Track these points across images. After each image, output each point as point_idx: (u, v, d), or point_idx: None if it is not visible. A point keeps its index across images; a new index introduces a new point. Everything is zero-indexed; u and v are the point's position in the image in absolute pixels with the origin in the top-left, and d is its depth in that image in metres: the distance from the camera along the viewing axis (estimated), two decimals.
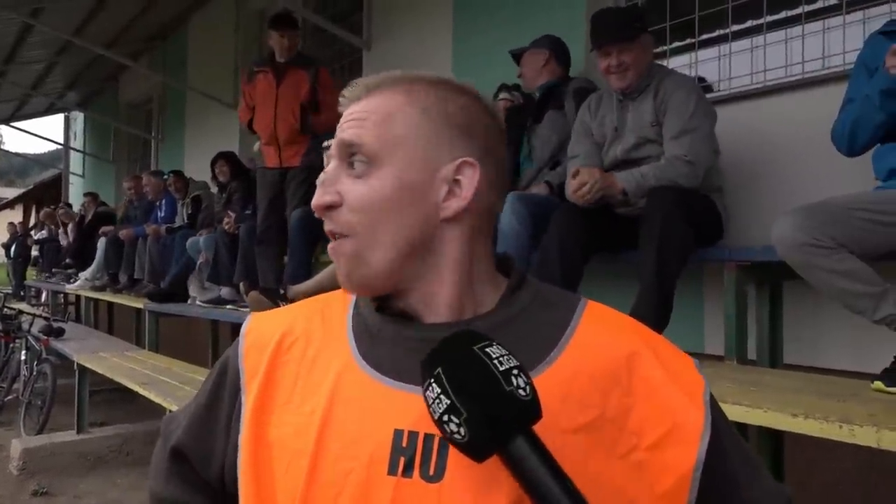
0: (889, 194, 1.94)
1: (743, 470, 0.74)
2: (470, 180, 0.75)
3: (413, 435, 0.69)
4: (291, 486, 0.73)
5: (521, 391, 0.59)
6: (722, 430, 0.72)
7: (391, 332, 0.76)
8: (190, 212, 6.12)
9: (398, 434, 0.69)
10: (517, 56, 3.38)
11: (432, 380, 0.60)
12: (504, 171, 0.81)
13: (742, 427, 2.06)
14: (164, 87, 8.64)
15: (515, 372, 0.60)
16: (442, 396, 0.60)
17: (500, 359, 0.61)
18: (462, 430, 0.59)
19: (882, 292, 1.83)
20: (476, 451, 0.60)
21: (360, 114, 0.76)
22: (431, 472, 0.67)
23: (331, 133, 4.55)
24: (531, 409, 0.60)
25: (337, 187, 0.75)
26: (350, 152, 0.75)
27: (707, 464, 0.69)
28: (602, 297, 0.84)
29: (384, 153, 0.74)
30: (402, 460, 0.68)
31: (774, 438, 2.19)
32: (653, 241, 2.21)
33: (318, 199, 0.76)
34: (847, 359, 2.48)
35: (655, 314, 2.20)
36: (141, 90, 9.61)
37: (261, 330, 0.83)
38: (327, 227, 0.76)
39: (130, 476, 4.71)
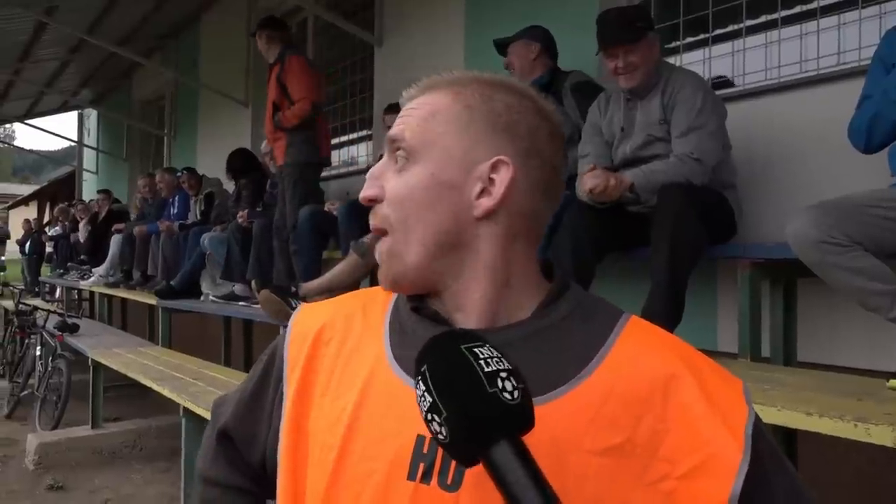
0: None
1: (786, 492, 0.70)
2: (503, 179, 0.73)
3: (434, 442, 0.67)
4: (317, 480, 0.74)
5: (506, 394, 0.57)
6: (767, 463, 0.68)
7: (423, 334, 0.73)
8: (203, 208, 6.15)
9: (420, 439, 0.69)
10: (502, 46, 3.31)
11: (419, 377, 0.60)
12: (556, 175, 0.79)
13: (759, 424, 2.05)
14: (176, 84, 8.68)
15: (504, 375, 0.58)
16: (426, 394, 0.58)
17: (489, 360, 0.58)
18: (443, 430, 0.57)
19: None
20: (458, 453, 0.58)
21: (407, 110, 0.78)
22: (450, 480, 0.67)
23: (300, 125, 4.39)
24: (518, 414, 0.57)
25: (381, 181, 0.77)
26: (394, 148, 0.76)
27: (746, 498, 0.65)
28: (614, 295, 0.83)
29: (422, 148, 0.74)
30: (421, 466, 0.68)
31: (788, 437, 2.18)
32: (665, 239, 2.20)
33: (362, 192, 0.78)
34: (862, 357, 2.46)
35: (667, 312, 2.20)
36: (154, 88, 9.66)
37: (306, 321, 0.84)
38: (371, 222, 0.78)
39: (144, 471, 4.75)
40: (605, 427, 0.67)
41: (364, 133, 5.66)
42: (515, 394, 0.57)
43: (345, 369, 0.77)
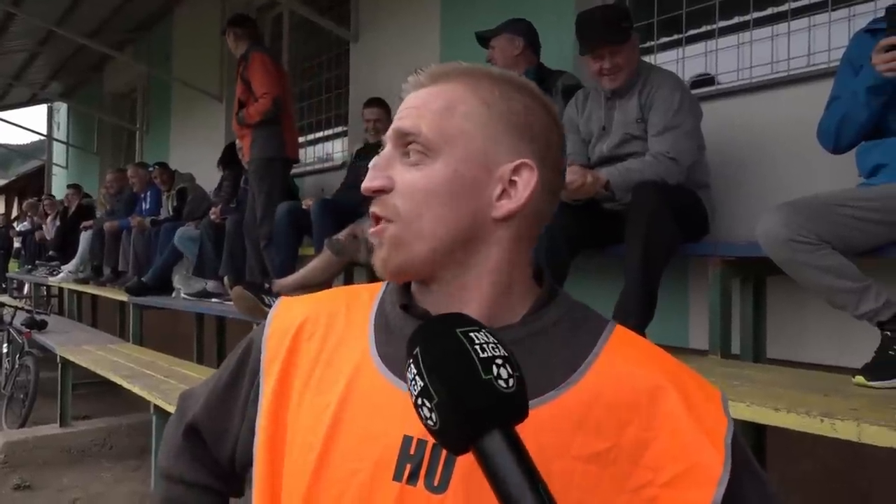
0: (871, 191, 1.96)
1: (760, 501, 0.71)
2: (526, 183, 0.73)
3: (422, 443, 0.67)
4: (297, 478, 0.73)
5: (501, 382, 0.55)
6: (742, 472, 0.69)
7: (410, 333, 0.75)
8: (175, 204, 6.08)
9: (407, 440, 0.68)
10: (484, 39, 3.28)
11: (411, 360, 0.57)
12: (560, 175, 0.79)
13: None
14: (148, 78, 8.56)
15: (500, 362, 0.56)
16: (417, 378, 0.57)
17: (484, 346, 0.57)
18: (434, 417, 0.55)
19: (864, 288, 1.85)
20: (448, 441, 0.57)
21: (420, 103, 0.75)
22: (436, 482, 0.66)
23: (264, 121, 4.35)
24: (512, 403, 0.55)
25: (389, 172, 0.74)
26: (406, 141, 0.74)
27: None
28: (588, 292, 0.84)
29: (442, 144, 0.72)
30: (408, 467, 0.67)
31: (757, 432, 2.21)
32: (638, 237, 2.22)
33: (368, 183, 0.74)
34: (830, 353, 2.50)
35: (640, 309, 2.22)
36: (125, 81, 9.52)
37: (287, 315, 0.83)
38: (373, 209, 0.75)
39: (114, 469, 4.68)
40: (591, 434, 0.67)
41: (339, 129, 5.63)
42: (510, 382, 0.55)
43: (327, 367, 0.76)
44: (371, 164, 0.76)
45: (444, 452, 0.66)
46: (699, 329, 2.76)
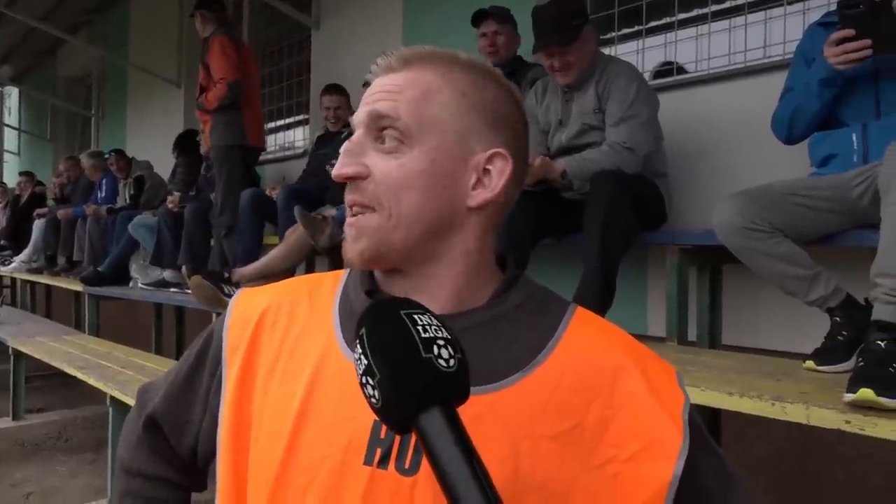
0: (822, 180, 2.01)
1: (716, 485, 0.74)
2: (500, 172, 0.74)
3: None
4: (265, 467, 0.73)
5: (441, 361, 0.56)
6: (698, 445, 0.72)
7: None
8: (132, 192, 5.96)
9: (377, 425, 0.69)
10: (479, 19, 3.26)
11: (357, 340, 0.59)
12: (527, 164, 0.81)
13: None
14: (104, 62, 8.34)
15: (441, 343, 0.57)
16: (362, 357, 0.58)
17: (427, 327, 0.58)
18: (376, 394, 0.57)
19: (815, 275, 1.90)
20: (390, 418, 0.58)
21: (395, 87, 0.74)
22: (407, 465, 0.67)
23: (222, 106, 4.33)
24: (452, 382, 0.57)
25: (363, 159, 0.74)
26: (382, 125, 0.73)
27: (682, 479, 0.69)
28: (548, 280, 0.85)
29: (419, 132, 0.72)
30: (378, 451, 0.68)
31: (712, 416, 2.26)
32: (596, 226, 2.25)
33: (341, 169, 0.74)
34: (783, 339, 2.56)
35: (599, 296, 2.24)
36: (80, 65, 9.26)
37: (248, 304, 0.82)
38: (351, 197, 0.74)
39: (70, 463, 4.59)
40: (556, 413, 0.69)
41: (301, 117, 5.57)
42: (451, 362, 0.57)
43: (292, 354, 0.76)
44: (343, 150, 0.75)
45: (414, 435, 0.66)
46: (657, 316, 2.81)
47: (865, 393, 1.44)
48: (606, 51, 3.25)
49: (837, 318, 1.92)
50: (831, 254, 2.18)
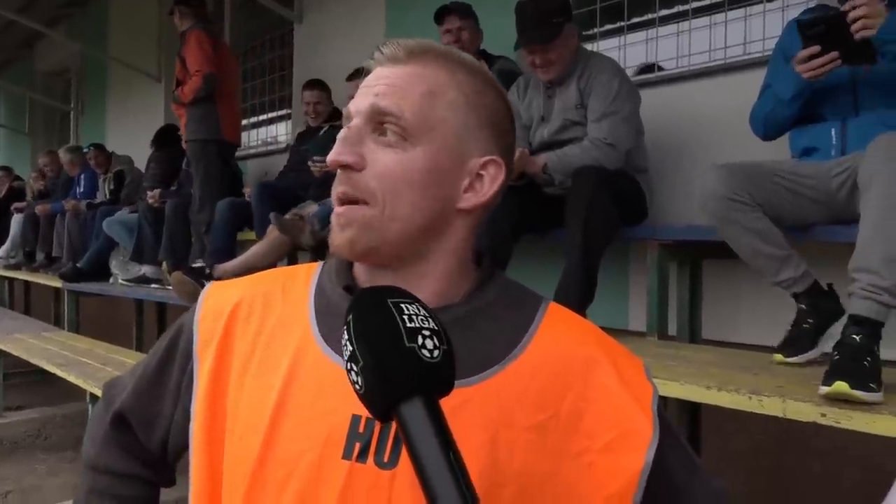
0: (804, 166, 2.02)
1: (684, 472, 0.77)
2: (493, 179, 0.76)
3: (370, 421, 0.68)
4: (241, 460, 0.73)
5: (425, 351, 0.57)
6: (665, 435, 0.74)
7: None
8: (112, 187, 5.90)
9: (356, 419, 0.69)
10: (442, 15, 3.25)
11: (344, 327, 0.60)
12: (511, 173, 0.81)
13: (660, 399, 2.13)
14: (83, 56, 8.24)
15: (426, 333, 0.58)
16: (348, 343, 0.59)
17: (413, 317, 0.58)
18: (360, 381, 0.58)
19: (786, 256, 1.93)
20: (372, 405, 0.58)
21: (400, 82, 0.74)
22: (386, 458, 0.68)
23: (196, 98, 4.27)
24: (434, 373, 0.57)
25: (361, 149, 0.73)
26: (384, 119, 0.73)
27: (652, 469, 0.71)
28: (530, 275, 0.86)
29: (422, 130, 0.73)
30: (357, 445, 0.68)
31: (692, 410, 2.29)
32: (578, 221, 2.26)
33: (337, 156, 0.73)
34: (762, 334, 2.58)
35: (580, 291, 2.26)
36: (58, 59, 9.13)
37: (219, 297, 0.82)
38: (342, 188, 0.73)
39: (49, 461, 4.54)
40: (533, 404, 0.71)
41: (284, 112, 5.54)
42: (435, 353, 0.57)
43: (268, 347, 0.76)
44: (340, 137, 0.74)
45: (393, 429, 0.68)
46: (639, 311, 2.82)
47: (840, 386, 1.47)
48: (588, 47, 3.26)
49: (803, 306, 1.95)
50: (809, 247, 2.20)
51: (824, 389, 1.50)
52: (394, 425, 0.66)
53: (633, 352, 0.80)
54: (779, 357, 1.92)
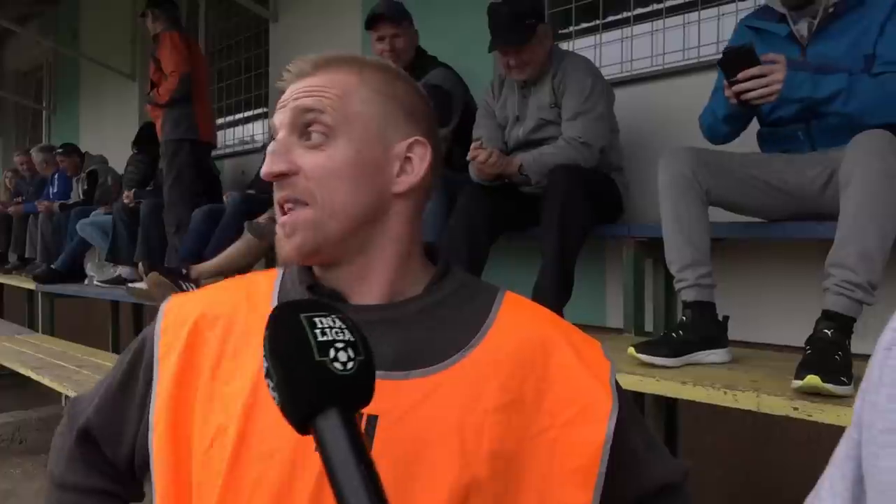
0: (776, 160, 2.03)
1: (644, 446, 0.81)
2: (421, 158, 0.80)
3: None
4: (215, 464, 0.73)
5: (337, 364, 0.57)
6: (625, 409, 0.78)
7: None
8: (86, 187, 5.82)
9: None
10: (374, 20, 3.08)
11: (264, 342, 0.61)
12: (440, 154, 0.85)
13: (638, 395, 2.16)
14: (55, 54, 8.11)
15: (340, 346, 0.58)
16: (264, 359, 0.60)
17: (327, 329, 0.59)
18: (276, 396, 0.59)
19: (696, 258, 1.90)
20: (289, 417, 0.59)
21: (315, 87, 0.78)
22: None
23: (173, 99, 4.29)
24: (349, 384, 0.58)
25: (290, 157, 0.77)
26: (308, 120, 0.77)
27: (613, 441, 0.75)
28: (507, 274, 0.88)
29: (343, 126, 0.77)
30: None
31: (669, 405, 2.31)
32: (553, 219, 2.28)
33: (270, 167, 0.76)
34: (736, 329, 2.61)
35: (557, 289, 2.27)
36: (30, 57, 8.98)
37: (181, 308, 0.83)
38: (281, 195, 0.77)
39: (24, 465, 4.48)
40: (497, 388, 0.74)
41: (260, 111, 5.50)
42: (349, 365, 0.58)
43: (235, 356, 0.77)
44: (269, 151, 0.78)
45: (364, 421, 0.69)
46: (615, 308, 2.85)
47: (812, 380, 1.50)
48: (564, 45, 3.28)
49: (684, 317, 1.93)
50: (782, 244, 2.24)
51: (797, 383, 1.53)
52: (364, 418, 0.68)
53: (611, 348, 0.84)
54: (631, 351, 1.87)
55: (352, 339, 0.60)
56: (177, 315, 0.82)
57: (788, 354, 1.99)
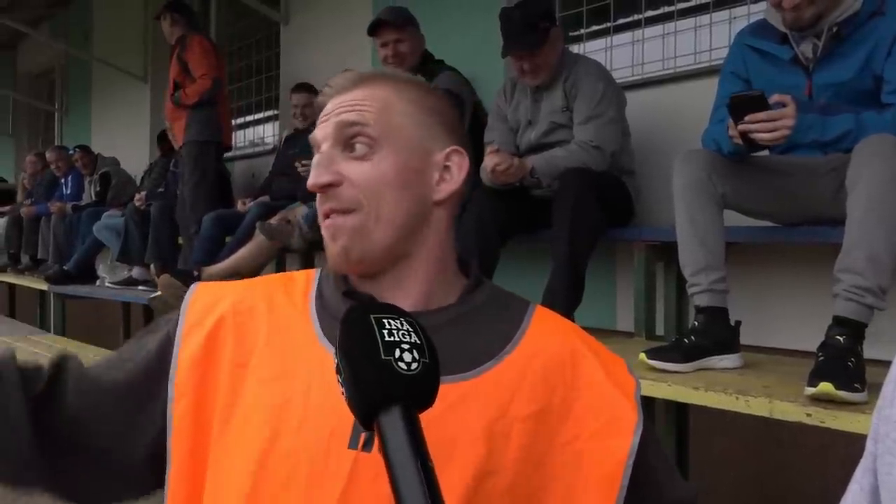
0: (790, 163, 2.01)
1: (662, 465, 0.84)
2: (459, 166, 0.83)
3: None
4: (243, 459, 0.74)
5: (401, 364, 0.60)
6: (647, 428, 0.80)
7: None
8: (98, 189, 5.86)
9: None
10: (377, 26, 3.09)
11: (338, 339, 0.64)
12: (474, 162, 0.88)
13: (649, 400, 2.15)
14: (67, 56, 8.17)
15: (406, 347, 0.61)
16: (335, 356, 0.63)
17: (394, 331, 0.62)
18: (344, 390, 0.62)
19: (709, 262, 1.89)
20: (355, 412, 0.62)
21: (357, 101, 0.81)
22: None
23: (201, 101, 4.34)
24: (410, 385, 0.60)
25: (336, 168, 0.79)
26: (352, 133, 0.80)
27: (636, 456, 0.76)
28: (518, 277, 0.90)
29: (386, 137, 0.80)
30: (362, 436, 0.71)
31: (680, 410, 2.31)
32: (564, 223, 2.28)
33: (317, 179, 0.79)
34: (748, 333, 2.60)
35: (568, 292, 2.27)
36: (42, 60, 9.05)
37: (206, 298, 0.84)
38: (327, 205, 0.80)
39: None
40: (526, 397, 0.76)
41: (271, 113, 5.52)
42: (413, 366, 0.60)
43: (269, 344, 0.79)
44: (315, 163, 0.80)
45: None
46: (626, 312, 2.84)
47: (825, 387, 1.49)
48: (575, 48, 3.28)
49: (696, 322, 1.92)
50: (794, 249, 2.23)
51: (810, 390, 1.52)
52: None
53: (622, 352, 0.87)
54: (642, 357, 1.86)
55: (417, 342, 0.62)
56: (203, 303, 0.84)
57: (801, 360, 1.98)
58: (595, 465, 0.76)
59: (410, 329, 0.63)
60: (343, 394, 0.62)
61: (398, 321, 0.63)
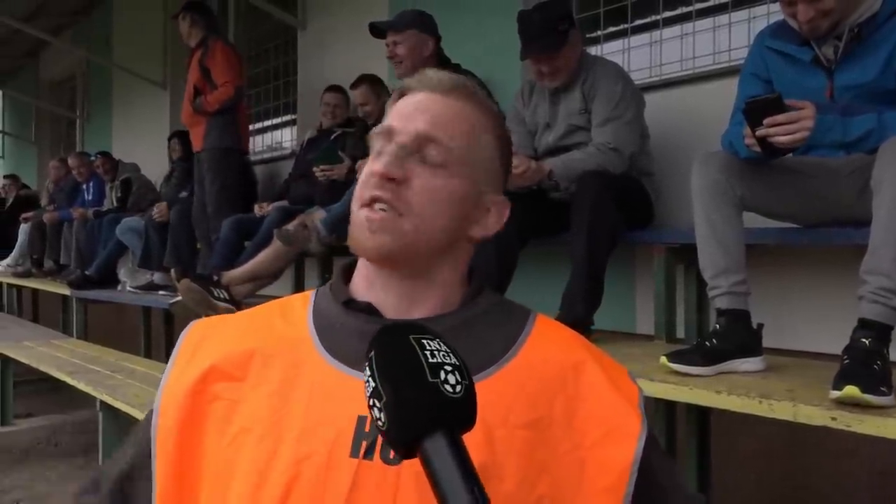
0: (811, 164, 1.98)
1: (668, 474, 0.82)
2: (499, 217, 0.87)
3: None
4: (247, 465, 0.74)
5: (447, 387, 0.58)
6: (650, 437, 0.79)
7: (356, 326, 0.79)
8: (119, 195, 5.92)
9: (362, 419, 0.72)
10: (376, 29, 3.16)
11: (367, 363, 0.61)
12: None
13: (670, 404, 2.13)
14: (88, 64, 8.27)
15: (448, 368, 0.59)
16: (370, 380, 0.60)
17: (435, 352, 0.60)
18: (382, 417, 0.59)
19: (726, 270, 1.88)
20: (395, 440, 0.60)
21: (446, 115, 0.82)
22: (392, 455, 0.70)
23: (221, 109, 4.25)
24: (456, 408, 0.59)
25: (408, 166, 0.80)
26: (429, 141, 0.81)
27: (640, 464, 0.75)
28: (536, 280, 0.89)
29: (465, 162, 0.82)
30: (364, 444, 0.71)
31: (701, 413, 2.28)
32: (583, 225, 2.27)
33: (387, 169, 0.79)
34: (770, 336, 2.58)
35: (587, 295, 2.26)
36: (63, 67, 9.18)
37: (180, 376, 0.81)
38: (378, 193, 0.79)
39: (60, 468, 4.55)
40: (526, 404, 0.76)
41: (288, 117, 5.56)
42: (458, 388, 0.59)
43: (269, 369, 0.79)
44: (388, 151, 0.81)
45: None
46: (646, 315, 2.82)
47: (851, 390, 1.47)
48: (592, 50, 3.27)
49: (718, 325, 1.90)
50: (818, 250, 2.20)
51: (835, 394, 1.50)
52: None
53: (642, 356, 0.87)
54: (663, 360, 1.84)
55: (457, 363, 0.61)
56: (172, 388, 0.80)
57: (825, 362, 1.95)
58: (599, 473, 0.75)
59: (448, 349, 0.61)
60: (378, 420, 0.59)
61: (436, 342, 0.62)
